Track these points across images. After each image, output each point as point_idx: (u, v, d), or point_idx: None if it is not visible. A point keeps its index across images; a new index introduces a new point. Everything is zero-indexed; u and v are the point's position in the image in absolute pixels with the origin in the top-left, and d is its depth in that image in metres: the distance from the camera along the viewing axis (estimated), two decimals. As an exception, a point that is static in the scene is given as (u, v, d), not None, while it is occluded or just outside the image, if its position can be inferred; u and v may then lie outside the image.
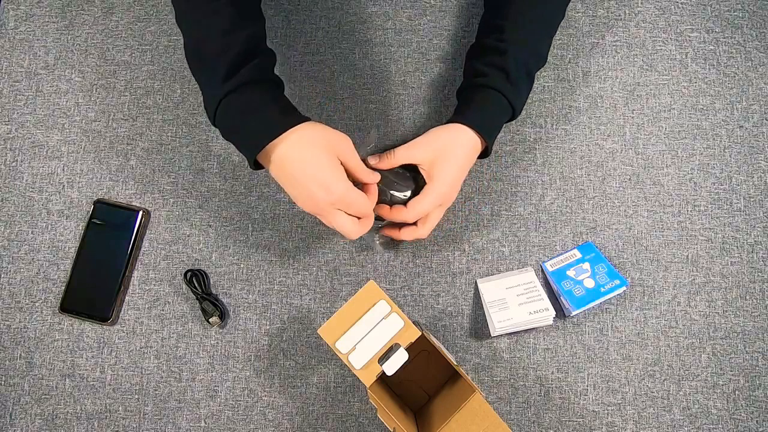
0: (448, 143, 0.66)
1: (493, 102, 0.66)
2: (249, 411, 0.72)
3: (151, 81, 0.81)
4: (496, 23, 0.67)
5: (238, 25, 0.62)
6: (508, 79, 0.65)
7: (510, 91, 0.66)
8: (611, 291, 0.72)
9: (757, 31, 0.82)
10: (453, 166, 0.66)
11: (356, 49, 0.82)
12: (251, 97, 0.61)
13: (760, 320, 0.74)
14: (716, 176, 0.78)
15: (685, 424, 0.72)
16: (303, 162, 0.60)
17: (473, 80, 0.68)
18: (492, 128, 0.68)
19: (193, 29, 0.63)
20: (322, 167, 0.60)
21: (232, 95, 0.61)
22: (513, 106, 0.66)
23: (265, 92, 0.63)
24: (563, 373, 0.73)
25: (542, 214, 0.77)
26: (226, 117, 0.62)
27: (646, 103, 0.80)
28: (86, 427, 0.72)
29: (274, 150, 0.60)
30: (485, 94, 0.66)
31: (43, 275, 0.76)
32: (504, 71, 0.65)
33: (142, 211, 0.76)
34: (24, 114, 0.80)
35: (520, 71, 0.66)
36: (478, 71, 0.67)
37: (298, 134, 0.60)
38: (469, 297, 0.75)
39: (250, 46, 0.62)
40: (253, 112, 0.61)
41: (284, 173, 0.61)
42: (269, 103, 0.63)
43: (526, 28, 0.67)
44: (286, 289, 0.75)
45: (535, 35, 0.67)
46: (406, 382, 0.73)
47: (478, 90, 0.67)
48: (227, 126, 0.63)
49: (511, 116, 0.68)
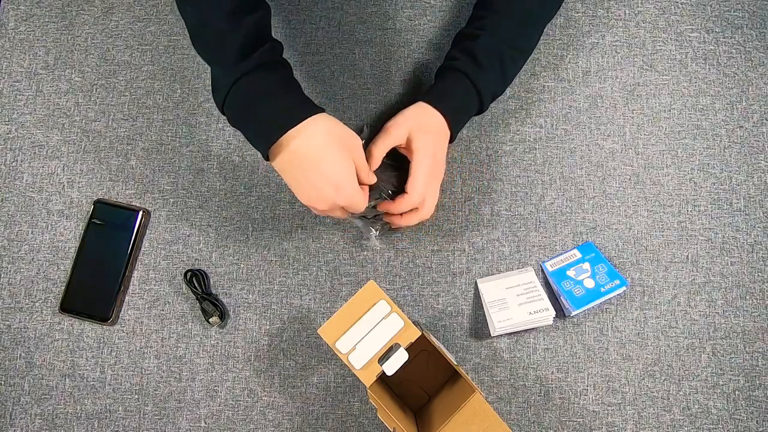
0: (420, 118, 0.67)
1: (459, 85, 0.67)
2: (249, 411, 0.72)
3: (151, 81, 0.81)
4: (479, 14, 0.69)
5: (244, 9, 0.60)
6: (475, 63, 0.66)
7: (475, 74, 0.66)
8: (611, 291, 0.72)
9: (757, 31, 0.82)
10: (429, 138, 0.66)
11: (356, 49, 0.82)
12: (268, 81, 0.60)
13: (760, 320, 0.74)
14: (716, 176, 0.78)
15: (685, 424, 0.72)
16: (318, 158, 0.59)
17: (444, 63, 0.70)
18: (455, 110, 0.68)
19: (198, 10, 0.61)
20: (337, 167, 0.59)
21: (247, 77, 0.59)
22: (479, 91, 0.67)
23: (282, 77, 0.61)
24: (563, 373, 0.73)
25: (542, 214, 0.77)
26: (239, 101, 0.60)
27: (646, 103, 0.80)
28: (86, 427, 0.72)
29: (289, 142, 0.59)
30: (452, 77, 0.68)
31: (43, 275, 0.76)
32: (472, 55, 0.66)
33: (142, 211, 0.76)
34: (24, 114, 0.80)
35: (490, 58, 0.67)
36: (452, 55, 0.69)
37: (315, 127, 0.59)
38: (469, 297, 0.75)
39: (259, 29, 0.61)
40: (270, 98, 0.59)
41: (295, 167, 0.60)
42: (287, 88, 0.61)
43: (504, 19, 0.68)
44: (286, 289, 0.75)
45: (512, 26, 0.68)
46: (406, 382, 0.73)
47: (447, 72, 0.68)
48: (239, 111, 0.61)
49: (479, 103, 0.68)
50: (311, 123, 0.59)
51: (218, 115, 0.80)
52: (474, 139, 0.79)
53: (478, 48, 0.66)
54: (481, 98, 0.68)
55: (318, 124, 0.60)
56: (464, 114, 0.70)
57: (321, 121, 0.60)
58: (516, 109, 0.80)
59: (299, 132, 0.59)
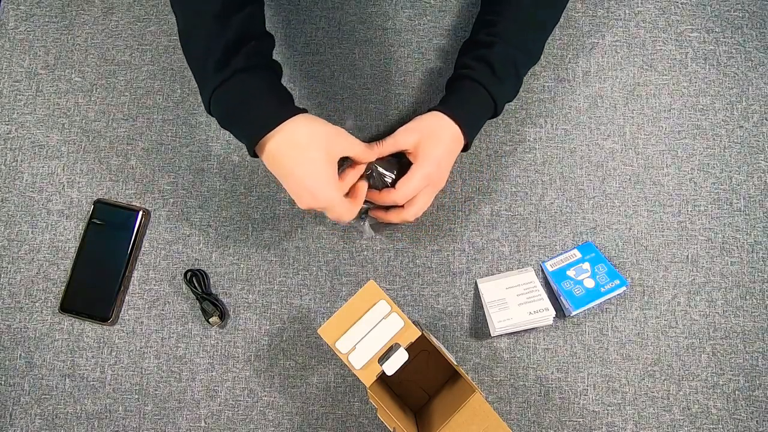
0: (433, 126, 0.66)
1: (475, 94, 0.67)
2: (249, 411, 0.72)
3: (151, 81, 0.81)
4: (489, 19, 0.68)
5: (232, 8, 0.59)
6: (493, 73, 0.66)
7: (493, 84, 0.66)
8: (611, 291, 0.72)
9: (757, 31, 0.82)
10: (438, 147, 0.66)
11: (356, 49, 0.82)
12: (246, 86, 0.60)
13: (760, 320, 0.74)
14: (716, 176, 0.78)
15: (685, 424, 0.72)
16: (292, 164, 0.59)
17: (460, 71, 0.68)
18: (471, 120, 0.68)
19: (186, 12, 0.61)
20: (311, 173, 0.59)
21: (227, 83, 0.59)
22: (495, 101, 0.67)
23: (262, 80, 0.61)
24: (563, 373, 0.73)
25: (542, 214, 0.77)
26: (221, 106, 0.61)
27: (646, 103, 0.80)
28: (86, 427, 0.72)
29: (268, 142, 0.59)
30: (469, 86, 0.67)
31: (43, 275, 0.76)
32: (489, 65, 0.66)
33: (142, 211, 0.76)
34: (24, 114, 0.80)
35: (506, 66, 0.66)
36: (466, 64, 0.68)
37: (292, 129, 0.59)
38: (469, 297, 0.75)
39: (245, 29, 0.60)
40: (248, 102, 0.60)
41: (276, 168, 0.61)
42: (265, 92, 0.61)
43: (517, 24, 0.67)
44: (286, 289, 0.75)
45: (525, 32, 0.67)
46: (406, 382, 0.73)
47: (463, 82, 0.68)
48: (222, 115, 0.62)
49: (494, 111, 0.68)
50: (290, 125, 0.59)
51: (218, 115, 0.80)
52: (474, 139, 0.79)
53: (495, 57, 0.65)
54: (496, 107, 0.68)
55: (297, 125, 0.59)
56: (480, 122, 0.69)
57: (301, 123, 0.60)
58: (516, 109, 0.80)
59: (277, 133, 0.59)
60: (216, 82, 0.59)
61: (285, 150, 0.59)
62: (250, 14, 0.61)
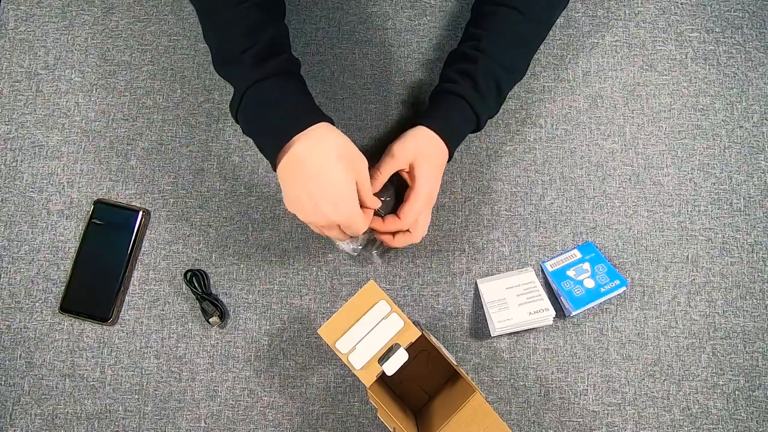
0: (423, 144, 0.66)
1: (459, 110, 0.67)
2: (249, 411, 0.72)
3: (151, 81, 0.81)
4: (476, 32, 0.68)
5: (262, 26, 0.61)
6: (475, 88, 0.66)
7: (475, 99, 0.66)
8: (611, 291, 0.72)
9: (757, 31, 0.82)
10: (432, 164, 0.66)
11: (356, 49, 0.82)
12: (280, 88, 0.60)
13: (760, 320, 0.74)
14: (716, 176, 0.78)
15: (685, 424, 0.72)
16: (321, 168, 0.57)
17: (444, 85, 0.68)
18: (456, 135, 0.68)
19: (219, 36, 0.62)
20: (338, 181, 0.58)
21: (259, 84, 0.59)
22: (477, 115, 0.67)
23: (295, 85, 0.62)
24: (563, 373, 0.73)
25: (542, 214, 0.77)
26: (251, 109, 0.60)
27: (646, 103, 0.80)
28: (86, 427, 0.72)
29: (295, 146, 0.58)
30: (453, 101, 0.67)
31: (43, 275, 0.76)
32: (473, 80, 0.66)
33: (142, 211, 0.76)
34: (24, 114, 0.80)
35: (488, 82, 0.66)
36: (450, 77, 0.68)
37: (324, 136, 0.58)
38: (469, 297, 0.75)
39: (277, 43, 0.61)
40: (280, 104, 0.59)
41: (296, 173, 0.58)
42: (298, 95, 0.61)
43: (503, 41, 0.67)
44: (286, 289, 0.75)
45: (509, 49, 0.67)
46: (406, 382, 0.73)
47: (447, 96, 0.67)
48: (250, 118, 0.61)
49: (476, 125, 0.68)
50: (321, 130, 0.59)
51: (218, 115, 0.80)
52: (474, 139, 0.79)
53: (479, 72, 0.65)
54: (478, 122, 0.68)
55: (328, 134, 0.59)
56: (462, 136, 0.70)
57: (332, 133, 0.59)
58: (516, 109, 0.80)
59: (306, 136, 0.58)
60: (249, 82, 0.59)
61: (312, 158, 0.57)
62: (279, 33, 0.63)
